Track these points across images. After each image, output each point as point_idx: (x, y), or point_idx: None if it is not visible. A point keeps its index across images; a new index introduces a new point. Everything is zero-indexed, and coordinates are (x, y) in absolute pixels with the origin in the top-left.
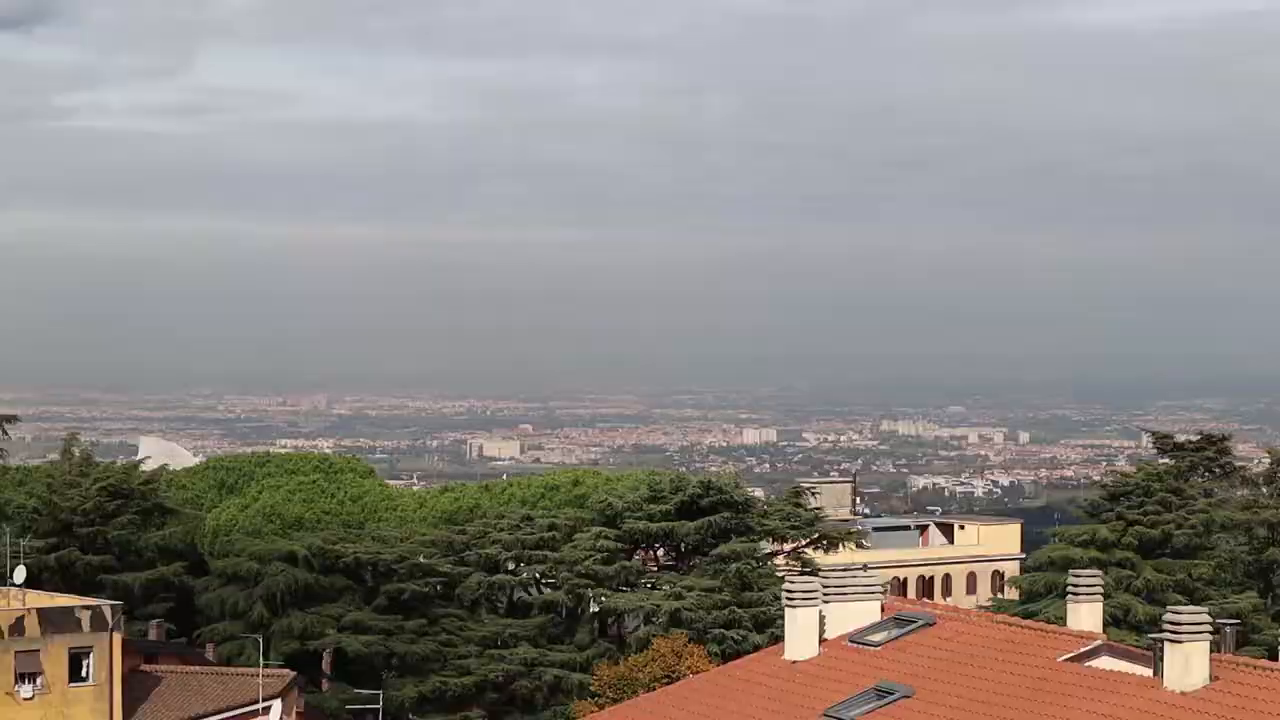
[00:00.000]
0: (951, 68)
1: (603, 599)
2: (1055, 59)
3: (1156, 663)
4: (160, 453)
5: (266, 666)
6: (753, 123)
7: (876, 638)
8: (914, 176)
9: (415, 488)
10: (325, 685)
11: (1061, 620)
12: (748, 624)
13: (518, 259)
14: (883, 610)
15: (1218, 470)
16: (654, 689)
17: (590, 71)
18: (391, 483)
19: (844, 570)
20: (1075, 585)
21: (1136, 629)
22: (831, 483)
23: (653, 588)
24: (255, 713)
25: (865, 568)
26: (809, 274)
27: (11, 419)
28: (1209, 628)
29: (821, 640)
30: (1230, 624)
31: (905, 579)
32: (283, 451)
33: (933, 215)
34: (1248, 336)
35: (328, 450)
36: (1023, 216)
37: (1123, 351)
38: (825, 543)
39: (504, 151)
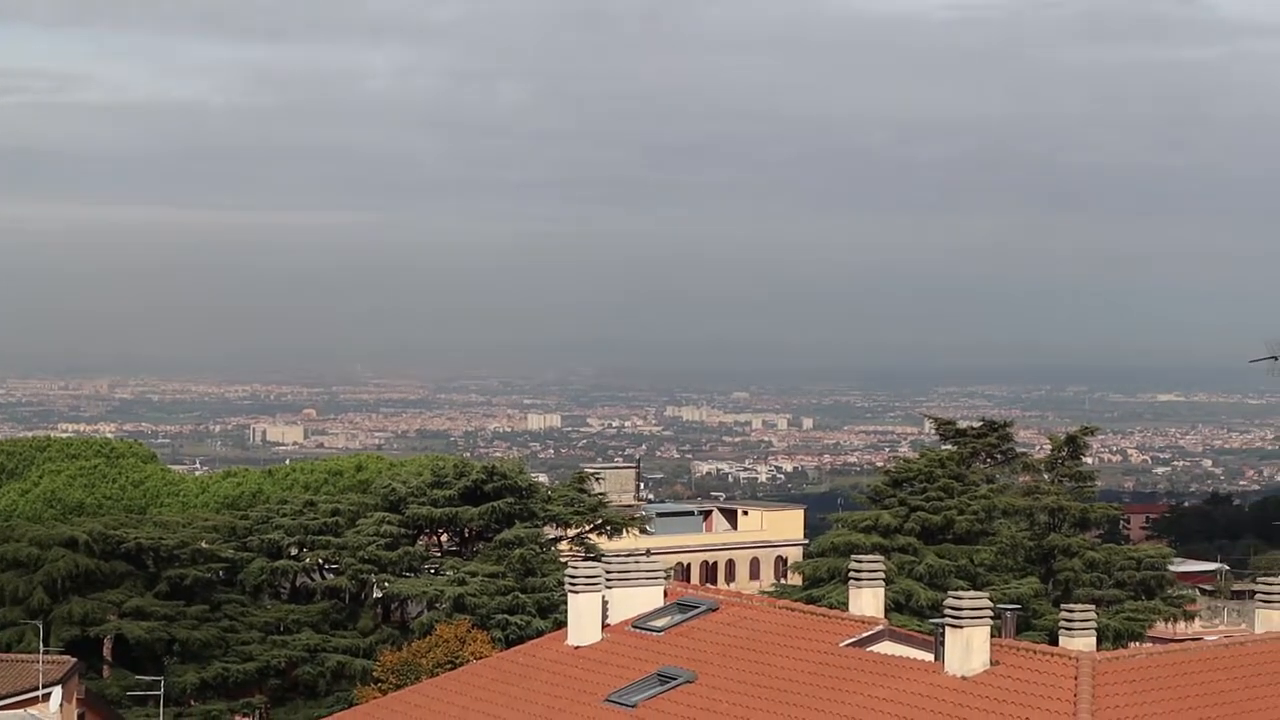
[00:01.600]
0: (745, 54)
1: (386, 585)
2: (850, 45)
3: (938, 647)
4: None
5: (46, 653)
6: (544, 109)
7: (659, 623)
8: (707, 164)
9: (198, 473)
10: (106, 671)
11: (844, 605)
12: (531, 609)
13: (304, 243)
14: (666, 596)
15: (999, 456)
16: (437, 675)
17: (383, 57)
18: (174, 468)
19: (627, 556)
20: (857, 571)
21: (918, 614)
22: (615, 468)
23: (436, 573)
24: (35, 700)
25: (649, 553)
26: (596, 261)
27: None
28: (990, 612)
29: (604, 626)
30: (1011, 609)
31: (689, 564)
32: (64, 436)
33: (724, 203)
34: (1029, 324)
35: (110, 435)
36: (812, 203)
37: (906, 338)
38: (609, 528)
39: (293, 135)
